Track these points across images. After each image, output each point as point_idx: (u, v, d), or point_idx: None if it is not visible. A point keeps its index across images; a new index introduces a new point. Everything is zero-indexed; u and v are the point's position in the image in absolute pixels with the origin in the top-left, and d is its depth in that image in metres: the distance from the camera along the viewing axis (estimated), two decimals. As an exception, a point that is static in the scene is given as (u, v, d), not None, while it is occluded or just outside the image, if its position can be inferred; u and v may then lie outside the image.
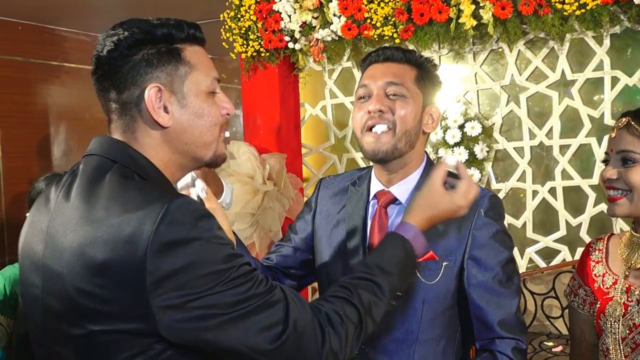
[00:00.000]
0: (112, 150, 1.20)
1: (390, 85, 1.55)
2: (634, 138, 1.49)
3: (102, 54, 1.20)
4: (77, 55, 4.66)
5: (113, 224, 1.08)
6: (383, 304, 1.29)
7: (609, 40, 3.30)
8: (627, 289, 1.54)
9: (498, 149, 3.61)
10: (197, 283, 1.07)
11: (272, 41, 3.84)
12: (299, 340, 1.14)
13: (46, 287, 1.16)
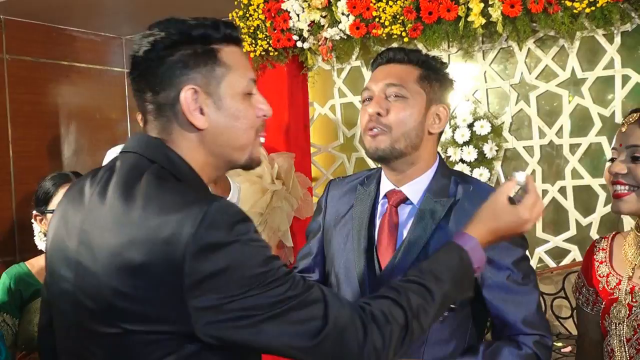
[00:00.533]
0: (150, 149, 1.19)
1: (389, 86, 1.55)
2: None
3: (138, 55, 1.19)
4: (87, 55, 4.65)
5: (151, 225, 1.08)
6: (432, 311, 1.26)
7: (620, 38, 3.27)
8: (632, 290, 1.52)
9: (507, 148, 3.58)
10: (235, 285, 1.06)
11: (280, 40, 3.83)
12: (338, 337, 1.13)
13: (79, 284, 1.15)
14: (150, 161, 1.17)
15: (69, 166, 4.38)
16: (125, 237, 1.09)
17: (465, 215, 1.53)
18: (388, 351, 1.18)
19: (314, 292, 1.15)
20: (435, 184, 1.61)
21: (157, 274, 1.06)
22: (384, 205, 1.66)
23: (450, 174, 1.65)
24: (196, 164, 1.21)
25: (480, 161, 3.53)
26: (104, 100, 4.73)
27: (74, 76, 4.57)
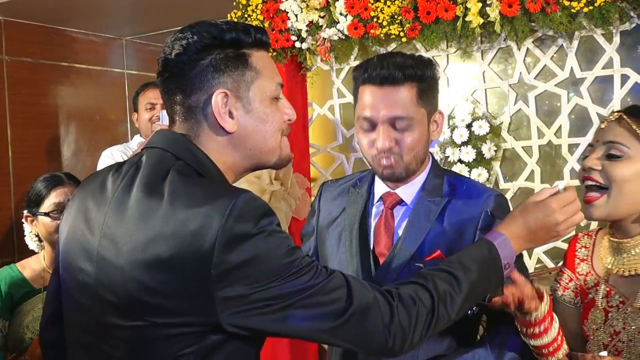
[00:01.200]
0: (176, 145, 1.21)
1: (395, 120, 1.52)
2: (624, 130, 1.44)
3: (170, 57, 1.21)
4: (87, 56, 4.65)
5: (179, 218, 1.09)
6: (459, 299, 1.27)
7: (619, 37, 3.24)
8: (608, 293, 1.50)
9: (506, 148, 3.55)
10: (262, 275, 1.09)
11: (279, 40, 3.81)
12: (363, 316, 1.15)
13: (101, 277, 1.16)
14: (176, 157, 1.20)
15: (69, 167, 4.37)
16: (151, 232, 1.11)
17: (459, 214, 1.54)
18: (414, 332, 1.20)
19: (336, 277, 1.18)
20: (429, 184, 1.62)
21: (184, 267, 1.08)
22: (379, 208, 1.66)
23: (443, 174, 1.65)
24: (223, 165, 1.24)
25: (479, 161, 3.51)
26: (104, 101, 4.72)
27: (74, 77, 4.56)
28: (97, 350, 1.20)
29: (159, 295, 1.10)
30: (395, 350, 1.20)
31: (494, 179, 3.55)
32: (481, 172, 3.48)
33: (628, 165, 1.42)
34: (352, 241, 1.65)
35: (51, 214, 2.17)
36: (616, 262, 1.49)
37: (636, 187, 1.42)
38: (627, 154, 1.43)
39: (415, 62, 1.54)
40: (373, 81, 1.52)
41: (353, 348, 1.21)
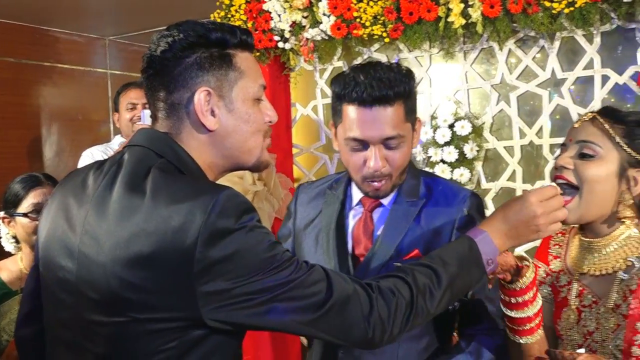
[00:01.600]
0: (158, 143, 1.22)
1: (388, 140, 1.51)
2: (597, 130, 1.45)
3: (155, 54, 1.21)
4: (70, 56, 4.62)
5: (161, 215, 1.10)
6: (439, 293, 1.28)
7: (600, 38, 3.25)
8: (580, 293, 1.50)
9: (488, 149, 3.56)
10: (243, 270, 1.10)
11: (262, 41, 3.80)
12: (343, 307, 1.17)
13: (81, 274, 1.17)
14: (158, 155, 1.21)
15: (50, 167, 4.34)
16: (133, 229, 1.11)
17: (436, 214, 1.55)
18: (394, 324, 1.21)
19: (316, 271, 1.20)
20: (406, 186, 1.64)
21: (166, 263, 1.09)
22: (358, 210, 1.67)
23: (419, 175, 1.66)
24: (203, 163, 1.25)
25: (461, 161, 3.51)
26: (86, 102, 4.69)
27: (57, 77, 4.53)
28: (78, 346, 1.20)
29: (141, 291, 1.11)
30: (375, 342, 1.22)
31: (476, 179, 3.55)
32: (463, 172, 3.49)
33: (600, 166, 1.42)
34: (329, 242, 1.66)
35: (29, 215, 2.14)
36: (588, 262, 1.50)
37: (607, 188, 1.43)
38: (599, 153, 1.43)
39: (400, 77, 1.51)
40: (362, 102, 1.49)
41: (334, 340, 1.22)
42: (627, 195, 1.43)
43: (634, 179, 1.43)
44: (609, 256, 1.46)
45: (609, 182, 1.42)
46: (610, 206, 1.44)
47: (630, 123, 1.44)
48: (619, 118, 1.45)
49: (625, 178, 1.43)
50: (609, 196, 1.43)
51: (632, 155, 1.41)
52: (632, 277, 1.41)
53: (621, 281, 1.43)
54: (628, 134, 1.43)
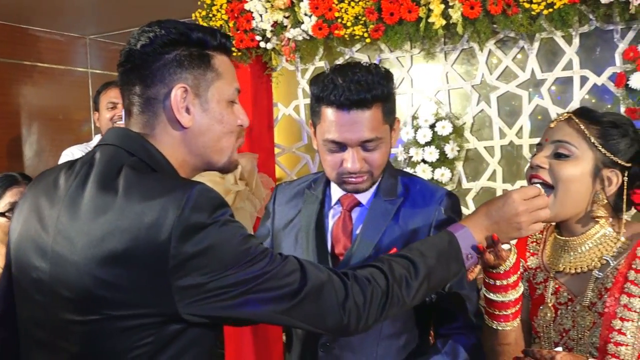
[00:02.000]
0: (129, 142, 1.22)
1: (366, 143, 1.52)
2: (572, 131, 1.46)
3: (135, 48, 1.22)
4: (51, 55, 4.58)
5: (134, 211, 1.11)
6: (416, 283, 1.30)
7: (578, 39, 3.28)
8: (557, 290, 1.51)
9: (469, 149, 3.58)
10: (218, 264, 1.11)
11: (243, 40, 3.80)
12: (317, 294, 1.19)
13: (55, 274, 1.17)
14: (129, 153, 1.21)
15: (31, 167, 4.30)
16: (106, 227, 1.11)
17: (413, 213, 1.57)
18: (369, 311, 1.22)
19: (290, 261, 1.21)
20: (384, 185, 1.66)
21: (141, 260, 1.09)
22: (337, 209, 1.68)
23: (397, 174, 1.68)
24: (175, 161, 1.25)
25: (442, 161, 3.52)
26: (67, 101, 4.66)
27: (37, 76, 4.50)
28: (52, 346, 1.20)
29: (116, 288, 1.11)
30: (350, 329, 1.23)
31: (457, 179, 3.57)
32: (444, 172, 3.50)
33: (575, 165, 1.44)
34: (309, 241, 1.66)
35: (6, 214, 2.12)
36: (564, 260, 1.51)
37: (581, 187, 1.44)
38: (574, 153, 1.44)
39: (379, 79, 1.52)
40: (340, 105, 1.49)
41: (310, 328, 1.23)
42: (601, 195, 1.45)
43: (608, 179, 1.44)
44: (584, 255, 1.47)
45: (584, 181, 1.44)
46: (584, 205, 1.46)
47: (605, 124, 1.45)
48: (594, 119, 1.47)
49: (600, 178, 1.44)
50: (583, 195, 1.45)
51: (606, 155, 1.43)
52: (607, 275, 1.43)
53: (596, 279, 1.44)
54: (603, 134, 1.44)
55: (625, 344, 1.37)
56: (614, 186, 1.45)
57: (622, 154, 1.44)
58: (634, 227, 1.47)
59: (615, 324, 1.38)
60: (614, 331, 1.37)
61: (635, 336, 1.36)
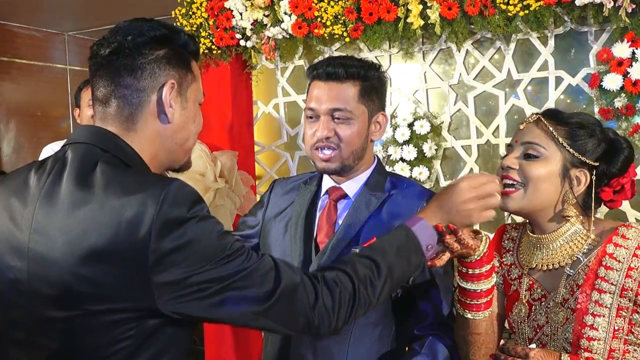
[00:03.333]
0: (101, 139, 1.24)
1: (335, 111, 1.60)
2: (541, 132, 1.50)
3: (126, 40, 1.24)
4: (29, 51, 4.55)
5: (113, 207, 1.11)
6: (379, 283, 1.32)
7: (554, 40, 3.33)
8: (531, 287, 1.55)
9: (446, 147, 3.61)
10: (196, 259, 1.13)
11: (223, 39, 3.80)
12: (290, 297, 1.21)
13: (34, 272, 1.16)
14: (103, 150, 1.22)
15: (9, 164, 4.27)
16: (85, 223, 1.12)
17: (397, 207, 1.60)
18: (338, 314, 1.25)
19: (266, 260, 1.23)
20: (372, 181, 1.71)
21: (121, 256, 1.10)
22: (324, 200, 1.74)
23: (386, 174, 1.74)
24: (147, 156, 1.28)
25: (420, 160, 3.55)
26: (45, 97, 4.63)
27: (15, 72, 4.46)
28: (31, 345, 1.20)
29: (96, 284, 1.12)
30: (320, 331, 1.25)
31: (434, 177, 3.61)
32: (422, 171, 3.53)
33: (543, 166, 1.47)
34: (297, 230, 1.71)
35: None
36: (537, 257, 1.54)
37: (550, 186, 1.48)
38: (543, 154, 1.48)
39: (360, 63, 1.65)
40: (320, 77, 1.64)
41: (282, 329, 1.26)
42: (570, 194, 1.48)
43: (577, 179, 1.48)
44: (556, 252, 1.51)
45: (552, 181, 1.48)
46: (553, 204, 1.49)
47: (572, 125, 1.49)
48: (562, 120, 1.50)
49: (568, 178, 1.48)
50: (552, 194, 1.48)
51: (574, 155, 1.47)
52: (579, 272, 1.46)
53: (568, 276, 1.48)
54: (570, 135, 1.48)
55: (597, 339, 1.40)
56: (582, 185, 1.48)
57: (589, 154, 1.47)
58: (603, 225, 1.50)
59: (587, 319, 1.41)
60: (587, 326, 1.41)
61: (607, 331, 1.40)
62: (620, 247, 1.43)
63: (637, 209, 3.24)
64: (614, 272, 1.42)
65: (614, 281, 1.41)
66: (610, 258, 1.43)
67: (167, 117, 1.27)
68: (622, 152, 1.50)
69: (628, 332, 1.40)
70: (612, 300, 1.41)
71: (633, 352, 1.40)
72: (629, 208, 3.20)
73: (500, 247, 1.65)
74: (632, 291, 1.39)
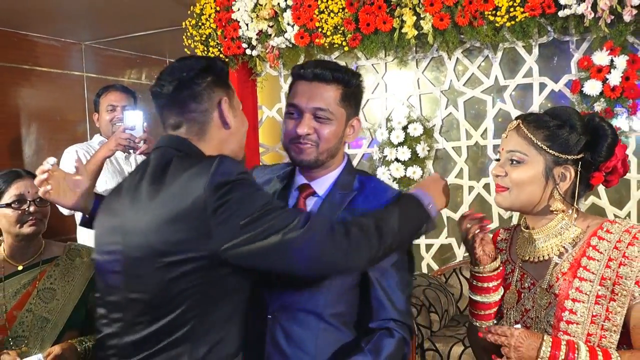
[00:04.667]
0: (177, 142, 1.47)
1: (317, 110, 1.61)
2: (520, 139, 1.52)
3: (182, 76, 1.47)
4: (47, 60, 4.57)
5: (180, 180, 1.35)
6: (393, 220, 1.47)
7: (538, 49, 3.37)
8: (521, 277, 1.59)
9: (438, 148, 3.66)
10: (243, 210, 1.32)
11: (230, 48, 3.84)
12: (323, 226, 1.38)
13: (128, 242, 1.41)
14: (177, 150, 1.45)
15: (30, 165, 4.30)
16: (162, 196, 1.36)
17: (365, 205, 1.61)
18: (369, 247, 1.41)
19: (301, 212, 1.44)
20: (342, 180, 1.69)
21: (187, 215, 1.32)
22: (294, 197, 1.72)
23: (355, 173, 1.72)
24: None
25: (414, 160, 3.60)
26: (63, 103, 4.65)
27: (35, 80, 4.48)
28: (125, 303, 1.42)
29: (172, 242, 1.34)
30: (356, 262, 1.43)
31: (427, 176, 3.64)
32: (415, 170, 3.58)
33: (526, 170, 1.50)
34: None
35: (13, 205, 2.14)
36: (528, 250, 1.58)
37: (535, 187, 1.51)
38: (524, 160, 1.50)
39: (344, 69, 1.66)
40: (306, 77, 1.64)
41: (327, 266, 1.42)
42: (555, 191, 1.51)
43: (562, 175, 1.50)
44: (546, 244, 1.54)
45: (536, 182, 1.50)
46: (540, 201, 1.52)
47: (551, 126, 1.50)
48: (541, 123, 1.52)
49: (552, 176, 1.50)
50: (537, 194, 1.51)
51: (555, 155, 1.49)
52: (565, 261, 1.50)
53: (555, 265, 1.51)
54: (549, 137, 1.49)
55: (575, 323, 1.43)
56: (568, 180, 1.50)
57: (571, 150, 1.49)
58: (590, 219, 1.53)
59: (567, 304, 1.45)
60: (566, 310, 1.44)
61: (585, 316, 1.43)
62: (603, 240, 1.46)
63: (615, 206, 3.29)
64: (595, 262, 1.45)
65: (595, 270, 1.44)
66: (593, 249, 1.46)
67: (228, 125, 1.48)
68: (605, 139, 1.51)
69: (605, 318, 1.42)
70: (591, 288, 1.43)
71: (609, 337, 1.41)
72: (607, 204, 3.25)
73: (495, 249, 1.69)
74: (610, 280, 1.41)
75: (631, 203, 3.25)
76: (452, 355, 3.12)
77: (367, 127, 3.81)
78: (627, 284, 1.40)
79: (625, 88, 3.06)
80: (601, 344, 1.42)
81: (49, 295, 2.16)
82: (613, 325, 1.42)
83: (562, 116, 1.52)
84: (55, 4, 3.83)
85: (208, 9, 3.88)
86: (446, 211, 3.63)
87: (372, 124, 3.80)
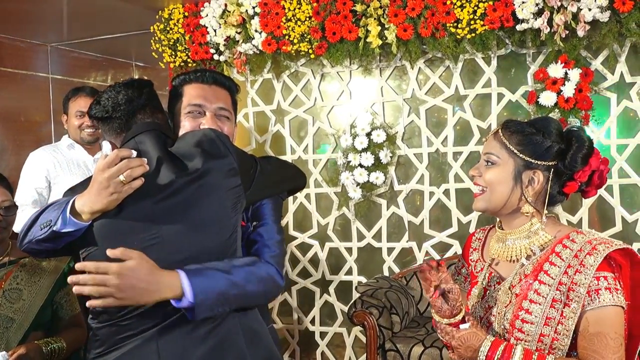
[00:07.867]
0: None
1: (220, 109, 1.73)
2: (496, 143, 1.59)
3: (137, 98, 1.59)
4: (13, 61, 4.49)
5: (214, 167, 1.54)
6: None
7: (496, 61, 3.46)
8: (489, 276, 1.64)
9: (400, 155, 3.71)
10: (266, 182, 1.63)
11: (198, 53, 3.84)
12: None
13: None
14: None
15: (-7, 165, 4.21)
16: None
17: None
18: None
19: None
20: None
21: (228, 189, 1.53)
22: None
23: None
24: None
25: (377, 166, 3.64)
26: (28, 104, 4.57)
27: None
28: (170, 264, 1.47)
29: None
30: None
31: (389, 182, 3.70)
32: (378, 176, 3.62)
33: (498, 171, 1.57)
34: None
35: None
36: (499, 250, 1.64)
37: (505, 188, 1.57)
38: (497, 162, 1.58)
39: (232, 80, 1.82)
40: (205, 80, 1.76)
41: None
42: (526, 194, 1.57)
43: (531, 179, 1.56)
44: (516, 245, 1.60)
45: (506, 183, 1.57)
46: (510, 203, 1.58)
47: (527, 132, 1.57)
48: (517, 129, 1.59)
49: (521, 179, 1.56)
50: (505, 194, 1.57)
51: (525, 159, 1.55)
52: (530, 263, 1.55)
53: (522, 266, 1.57)
54: (522, 141, 1.56)
55: (530, 322, 1.49)
56: (537, 184, 1.56)
57: (543, 156, 1.55)
58: (560, 227, 1.60)
59: (524, 304, 1.50)
60: (523, 310, 1.49)
61: (540, 317, 1.48)
62: (567, 248, 1.52)
63: (568, 212, 3.39)
64: (555, 268, 1.50)
65: (554, 276, 1.49)
66: (556, 256, 1.52)
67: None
68: (580, 149, 1.55)
69: (559, 322, 1.47)
70: (549, 292, 1.48)
71: (561, 340, 1.46)
72: (561, 210, 3.34)
73: (469, 249, 1.75)
74: (566, 286, 1.47)
75: (582, 209, 3.35)
76: (412, 355, 3.16)
77: (331, 133, 3.85)
78: (580, 291, 1.45)
79: (578, 99, 3.16)
80: (553, 345, 1.47)
81: (15, 295, 2.13)
82: (565, 329, 1.47)
83: (541, 124, 1.59)
84: (22, 5, 3.78)
85: (176, 14, 3.87)
86: (407, 216, 3.69)
87: (337, 130, 3.83)
